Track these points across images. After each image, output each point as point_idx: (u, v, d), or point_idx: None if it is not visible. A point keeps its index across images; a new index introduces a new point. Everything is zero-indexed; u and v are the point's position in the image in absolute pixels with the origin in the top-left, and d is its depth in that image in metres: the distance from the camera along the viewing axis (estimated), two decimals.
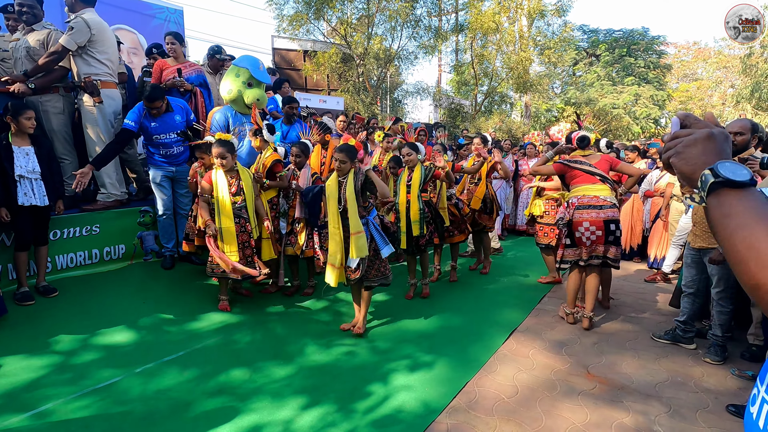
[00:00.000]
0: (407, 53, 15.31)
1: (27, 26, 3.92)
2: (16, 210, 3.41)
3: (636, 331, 3.54)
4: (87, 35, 3.90)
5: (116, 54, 4.31)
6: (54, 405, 2.33)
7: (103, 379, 2.59)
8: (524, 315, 3.81)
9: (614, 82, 21.46)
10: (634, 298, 4.36)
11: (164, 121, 4.11)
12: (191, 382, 2.60)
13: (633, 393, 2.64)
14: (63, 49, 3.83)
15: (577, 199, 3.56)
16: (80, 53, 3.97)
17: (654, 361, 3.06)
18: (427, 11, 15.18)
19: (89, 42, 3.93)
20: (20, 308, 3.43)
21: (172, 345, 3.03)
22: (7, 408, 2.29)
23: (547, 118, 19.82)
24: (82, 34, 3.87)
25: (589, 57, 23.31)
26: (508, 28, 15.45)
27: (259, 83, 4.34)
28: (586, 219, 3.49)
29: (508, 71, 15.49)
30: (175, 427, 2.21)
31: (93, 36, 3.93)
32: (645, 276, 5.08)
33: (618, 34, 22.72)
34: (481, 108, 16.84)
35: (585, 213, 3.50)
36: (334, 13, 13.66)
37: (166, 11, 7.88)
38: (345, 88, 14.23)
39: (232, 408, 2.37)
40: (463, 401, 2.51)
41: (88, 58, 4.00)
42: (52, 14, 4.82)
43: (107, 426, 2.20)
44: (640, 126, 19.89)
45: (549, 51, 15.65)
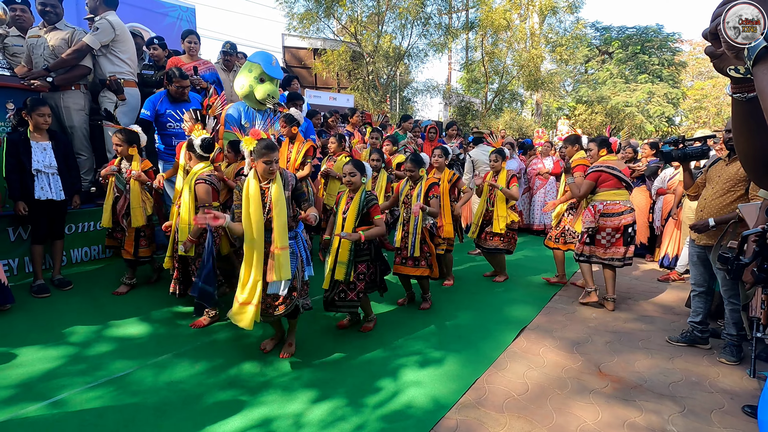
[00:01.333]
0: (417, 51, 15.27)
1: (49, 25, 4.00)
2: (32, 204, 3.47)
3: (649, 331, 3.49)
4: (111, 35, 4.06)
5: (135, 54, 4.44)
6: (69, 395, 2.37)
7: (116, 371, 2.63)
8: (535, 313, 3.78)
9: (627, 80, 21.16)
10: (647, 298, 4.30)
11: (180, 109, 4.17)
12: (202, 375, 2.63)
13: (646, 392, 2.61)
14: (86, 47, 3.96)
15: (603, 205, 3.80)
16: (105, 53, 4.13)
17: (667, 360, 3.01)
18: (437, 9, 15.13)
19: (113, 42, 4.09)
20: (36, 300, 3.50)
21: (184, 338, 3.06)
22: (24, 397, 2.33)
23: (558, 117, 19.62)
24: (107, 34, 4.03)
25: (601, 54, 23.02)
26: (519, 26, 15.32)
27: (271, 79, 4.35)
28: (609, 225, 3.80)
29: (519, 69, 15.37)
30: (186, 418, 2.24)
31: (116, 36, 4.09)
32: (658, 275, 5.00)
33: (631, 31, 22.40)
34: (491, 106, 16.73)
35: (609, 220, 3.79)
36: (344, 11, 13.66)
37: (178, 9, 7.96)
38: (355, 86, 14.24)
39: (243, 401, 2.39)
40: (473, 398, 2.50)
41: (112, 58, 4.18)
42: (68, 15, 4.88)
43: (120, 416, 2.23)
44: (654, 125, 19.59)
45: (561, 48, 15.48)
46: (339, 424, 2.23)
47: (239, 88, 4.34)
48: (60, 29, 4.03)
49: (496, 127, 15.03)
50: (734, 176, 2.88)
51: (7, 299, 3.24)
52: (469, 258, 5.51)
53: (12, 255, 3.70)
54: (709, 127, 19.73)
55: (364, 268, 3.10)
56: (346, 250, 2.99)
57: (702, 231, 3.00)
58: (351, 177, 3.07)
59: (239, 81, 4.36)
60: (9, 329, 3.03)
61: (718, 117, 20.14)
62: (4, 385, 2.42)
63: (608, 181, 3.81)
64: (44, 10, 3.95)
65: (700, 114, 21.12)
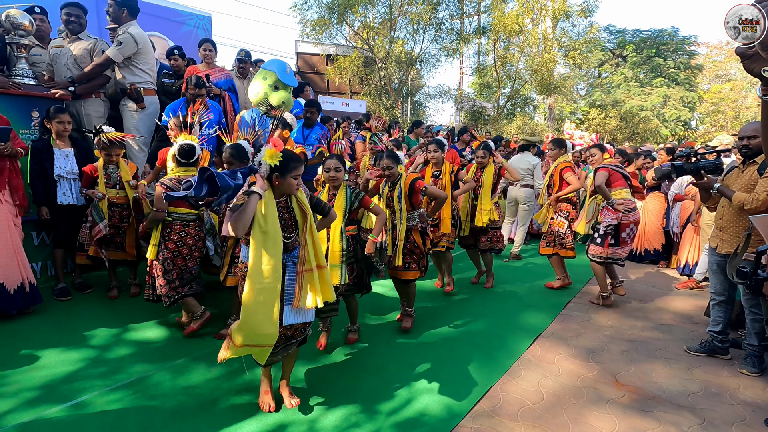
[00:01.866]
0: (429, 56, 15.32)
1: (72, 35, 4.12)
2: (55, 209, 3.58)
3: (667, 340, 3.43)
4: (134, 49, 4.18)
5: (155, 63, 4.57)
6: (90, 397, 2.43)
7: (135, 374, 2.68)
8: (549, 320, 3.74)
9: (642, 83, 20.89)
10: (664, 306, 4.22)
11: (199, 117, 4.26)
12: (218, 380, 2.66)
13: (664, 403, 2.56)
14: (109, 60, 4.09)
15: (622, 203, 3.98)
16: (126, 64, 4.26)
17: (686, 370, 2.96)
18: (449, 14, 15.15)
19: (134, 54, 4.18)
20: (58, 303, 3.59)
21: (200, 342, 3.10)
22: (47, 398, 2.39)
23: (572, 121, 19.46)
24: (130, 48, 4.15)
25: (615, 58, 22.77)
26: (531, 30, 15.26)
27: (285, 86, 4.40)
28: (632, 221, 3.98)
29: (531, 73, 15.29)
30: (203, 422, 2.27)
31: (138, 49, 4.17)
32: (675, 283, 4.92)
33: (646, 34, 22.13)
34: (503, 110, 16.66)
35: (631, 216, 3.97)
36: (357, 17, 13.77)
37: (195, 18, 8.13)
38: (367, 92, 14.32)
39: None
40: (487, 406, 2.49)
41: (133, 68, 4.28)
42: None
43: (140, 419, 2.27)
44: (670, 129, 19.28)
45: (574, 52, 15.37)
46: (353, 431, 2.24)
47: (253, 95, 4.40)
48: (83, 39, 4.15)
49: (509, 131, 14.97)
50: (748, 183, 2.84)
51: (36, 300, 3.33)
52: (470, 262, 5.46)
53: (36, 259, 3.80)
54: (726, 130, 19.36)
55: (349, 270, 2.95)
56: (337, 253, 2.79)
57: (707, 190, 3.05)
58: (336, 172, 2.83)
59: (253, 88, 4.42)
60: (32, 332, 3.11)
61: (736, 120, 19.75)
62: (29, 387, 2.48)
63: (618, 181, 4.06)
64: (68, 20, 4.07)
65: (718, 117, 20.74)
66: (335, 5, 13.20)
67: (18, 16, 3.80)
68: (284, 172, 2.14)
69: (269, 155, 2.11)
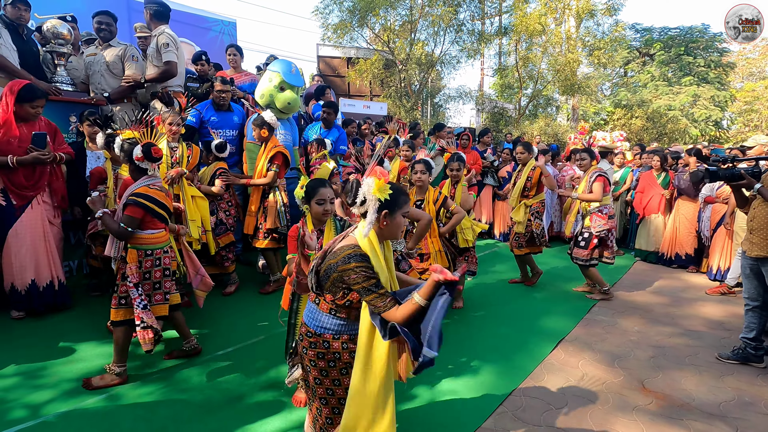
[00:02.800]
0: (449, 58, 15.25)
1: (104, 42, 4.30)
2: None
3: (696, 346, 3.33)
4: (179, 45, 4.35)
5: (184, 66, 4.70)
6: (123, 389, 2.53)
7: (165, 368, 2.77)
8: (573, 324, 3.68)
9: (670, 82, 20.25)
10: (694, 311, 4.10)
11: (224, 117, 4.37)
12: (244, 376, 2.73)
13: (694, 411, 2.50)
14: (174, 64, 4.28)
15: (607, 209, 4.22)
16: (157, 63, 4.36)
17: (717, 378, 2.87)
18: (470, 15, 15.06)
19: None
20: (94, 299, 3.74)
21: (226, 339, 3.19)
22: (84, 390, 2.50)
23: (595, 122, 19.02)
24: (176, 45, 4.31)
25: (642, 56, 22.17)
26: (554, 30, 15.01)
27: (291, 87, 4.40)
28: (612, 226, 4.24)
29: (554, 73, 15.04)
30: (230, 417, 2.33)
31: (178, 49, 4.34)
32: (705, 288, 4.76)
33: (674, 32, 21.45)
34: (525, 111, 16.44)
35: (612, 222, 4.22)
36: (378, 20, 13.84)
37: (220, 24, 8.35)
38: (387, 94, 14.37)
39: (282, 402, 2.46)
40: (510, 409, 2.47)
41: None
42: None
43: (169, 412, 2.35)
44: (699, 129, 18.64)
45: (599, 52, 15.04)
46: None
47: (259, 97, 4.44)
48: (114, 46, 4.34)
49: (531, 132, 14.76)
50: None
51: (65, 299, 3.46)
52: (498, 264, 5.42)
53: (72, 257, 3.98)
54: (761, 130, 18.57)
55: None
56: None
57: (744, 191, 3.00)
58: (331, 204, 2.26)
59: (259, 90, 4.47)
60: (69, 326, 3.26)
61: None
62: (67, 378, 2.61)
63: (607, 187, 4.25)
64: (100, 28, 4.26)
65: (752, 117, 19.94)
66: (356, 8, 13.31)
67: (58, 26, 3.99)
68: (394, 209, 1.62)
69: (379, 187, 1.57)
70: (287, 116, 4.62)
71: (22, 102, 3.07)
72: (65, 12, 4.76)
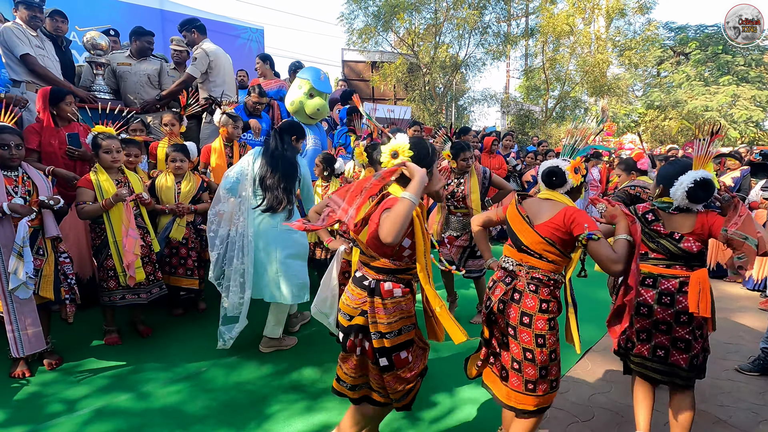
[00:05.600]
0: (474, 60, 15.12)
1: (140, 56, 4.50)
2: None
3: (734, 360, 3.17)
4: (207, 62, 4.49)
5: (232, 76, 4.86)
6: (152, 388, 2.62)
7: (191, 369, 2.86)
8: (600, 334, 3.57)
9: (707, 82, 19.41)
10: (732, 323, 3.91)
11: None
12: (267, 377, 2.78)
13: (730, 429, 2.38)
14: (190, 77, 4.45)
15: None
16: (203, 79, 4.58)
17: (757, 395, 2.73)
18: (495, 17, 14.91)
19: (210, 67, 4.51)
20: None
21: (251, 340, 3.25)
22: (116, 387, 2.61)
23: (625, 124, 18.44)
24: (203, 63, 4.48)
25: (676, 56, 21.36)
26: (583, 30, 14.66)
27: (320, 93, 4.49)
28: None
29: (582, 75, 14.69)
30: (253, 417, 2.38)
31: (211, 62, 4.50)
32: (742, 297, 4.53)
33: (711, 29, 20.57)
34: (552, 114, 16.11)
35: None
36: (402, 24, 13.88)
37: (249, 31, 8.57)
38: (411, 97, 14.38)
39: (305, 405, 2.49)
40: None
41: (207, 84, 4.60)
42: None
43: (197, 410, 2.42)
44: (739, 130, 17.78)
45: (630, 52, 14.59)
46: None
47: (289, 104, 4.53)
48: (150, 61, 4.59)
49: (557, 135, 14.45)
50: None
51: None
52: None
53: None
54: None
55: None
56: None
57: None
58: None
59: (289, 97, 4.56)
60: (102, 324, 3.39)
61: None
62: (101, 375, 2.73)
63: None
64: (144, 48, 4.52)
65: None
66: (381, 13, 13.40)
67: (96, 37, 4.19)
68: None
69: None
70: (315, 122, 4.71)
71: (56, 102, 3.26)
72: (104, 23, 5.00)
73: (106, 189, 2.92)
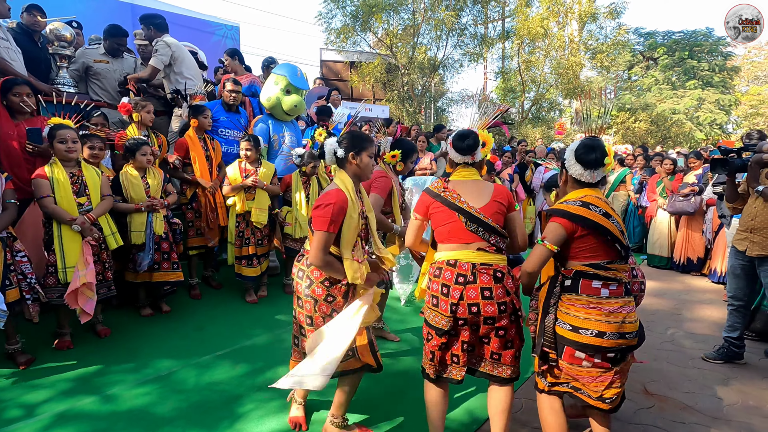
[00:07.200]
0: (452, 61, 15.26)
1: (114, 56, 4.43)
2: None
3: (700, 349, 3.29)
4: (169, 53, 4.35)
5: (197, 69, 4.76)
6: (120, 390, 2.52)
7: (162, 369, 2.76)
8: None
9: (674, 86, 20.19)
10: (698, 315, 4.05)
11: (233, 118, 4.40)
12: (242, 377, 2.72)
13: (696, 414, 2.46)
14: (153, 69, 4.31)
15: None
16: (167, 72, 4.44)
17: (721, 381, 2.83)
18: (472, 19, 15.08)
19: (173, 59, 4.38)
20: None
21: (224, 340, 3.17)
22: (80, 390, 2.50)
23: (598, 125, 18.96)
24: (166, 53, 4.34)
25: (645, 60, 22.12)
26: (557, 33, 15.01)
27: (297, 90, 4.43)
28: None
29: (557, 77, 15.02)
30: (226, 417, 2.32)
31: (173, 54, 4.37)
32: (708, 291, 4.71)
33: (678, 35, 21.40)
34: (528, 115, 16.42)
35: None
36: (380, 24, 13.88)
37: (224, 28, 8.41)
38: (390, 98, 14.40)
39: (280, 404, 2.44)
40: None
41: (174, 78, 4.47)
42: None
43: (165, 411, 2.34)
44: (704, 132, 18.55)
45: (601, 55, 15.01)
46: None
47: (265, 100, 4.45)
48: (125, 59, 4.52)
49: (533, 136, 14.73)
50: None
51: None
52: None
53: None
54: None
55: None
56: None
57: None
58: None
59: (264, 93, 4.48)
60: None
61: None
62: (64, 378, 2.60)
63: None
64: (119, 48, 4.43)
65: (757, 120, 19.81)
66: (359, 13, 13.36)
67: (60, 28, 4.02)
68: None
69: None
70: (291, 119, 4.65)
71: (5, 94, 3.07)
72: (69, 15, 4.81)
73: (61, 183, 2.79)
